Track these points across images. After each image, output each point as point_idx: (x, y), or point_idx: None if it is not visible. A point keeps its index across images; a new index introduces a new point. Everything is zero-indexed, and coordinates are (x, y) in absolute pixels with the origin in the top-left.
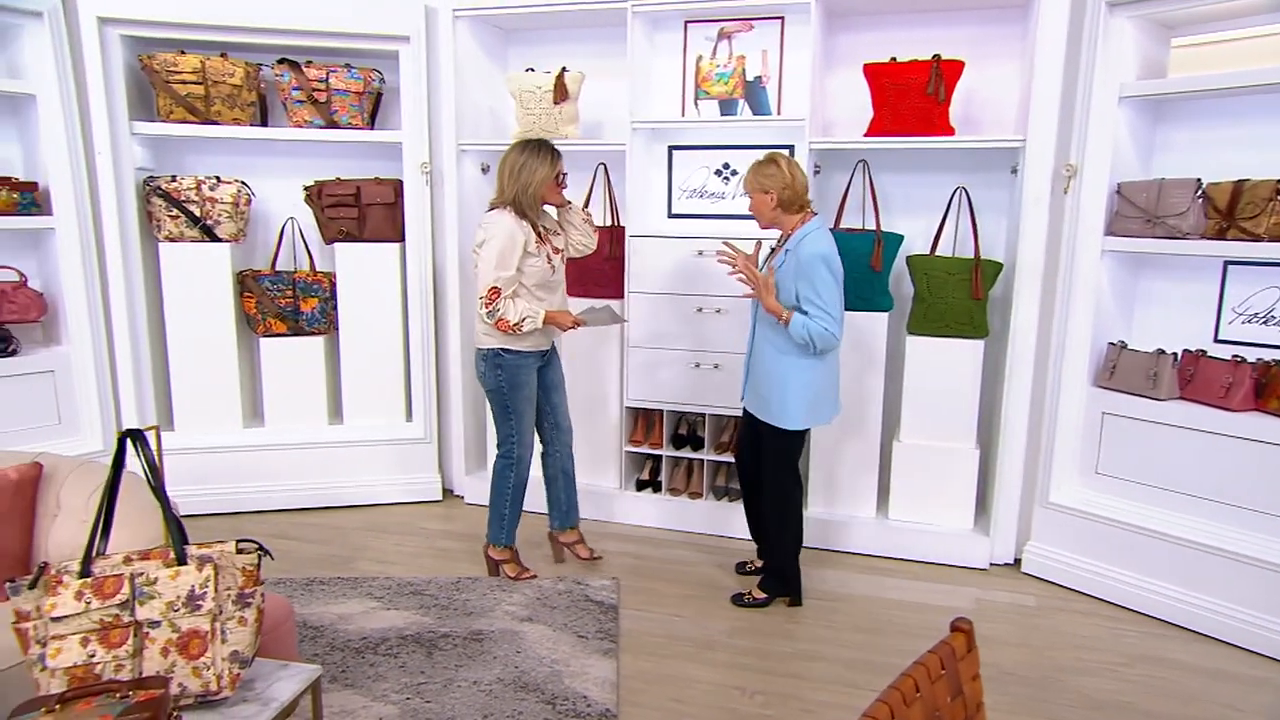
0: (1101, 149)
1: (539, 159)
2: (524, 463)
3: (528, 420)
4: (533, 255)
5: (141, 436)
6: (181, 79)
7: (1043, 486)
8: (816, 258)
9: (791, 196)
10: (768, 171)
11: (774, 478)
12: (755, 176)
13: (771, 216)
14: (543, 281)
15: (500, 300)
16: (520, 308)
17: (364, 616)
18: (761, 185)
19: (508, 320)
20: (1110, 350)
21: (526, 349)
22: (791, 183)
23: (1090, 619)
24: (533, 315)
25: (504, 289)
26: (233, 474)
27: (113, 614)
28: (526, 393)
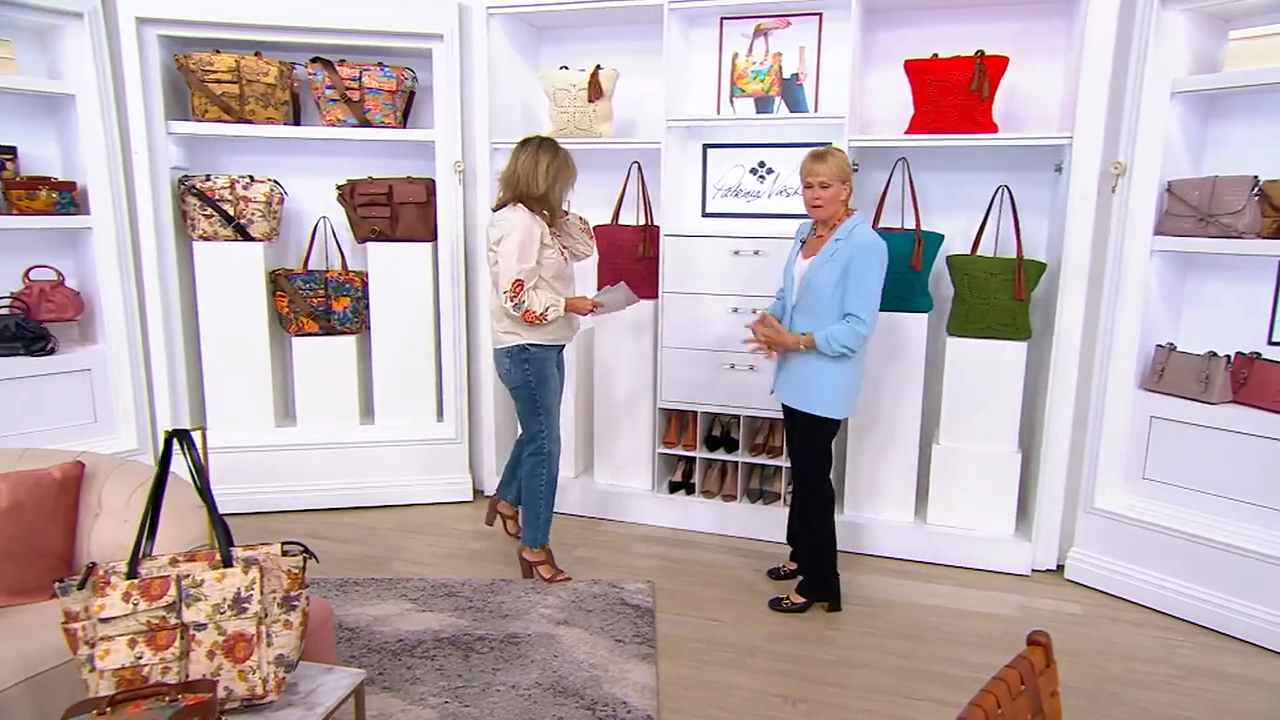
0: (1152, 146)
1: (563, 160)
2: (554, 458)
3: (555, 414)
4: (549, 247)
5: (188, 437)
6: (217, 78)
7: (1087, 491)
8: (875, 246)
9: (851, 189)
10: (845, 160)
11: (806, 469)
12: (838, 166)
13: (839, 208)
14: (559, 273)
15: (524, 292)
16: (544, 298)
17: (400, 618)
18: (843, 173)
19: (534, 311)
20: (1158, 352)
21: (550, 341)
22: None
23: (1140, 629)
24: (555, 304)
25: (527, 281)
26: (264, 473)
27: (159, 616)
28: (554, 385)
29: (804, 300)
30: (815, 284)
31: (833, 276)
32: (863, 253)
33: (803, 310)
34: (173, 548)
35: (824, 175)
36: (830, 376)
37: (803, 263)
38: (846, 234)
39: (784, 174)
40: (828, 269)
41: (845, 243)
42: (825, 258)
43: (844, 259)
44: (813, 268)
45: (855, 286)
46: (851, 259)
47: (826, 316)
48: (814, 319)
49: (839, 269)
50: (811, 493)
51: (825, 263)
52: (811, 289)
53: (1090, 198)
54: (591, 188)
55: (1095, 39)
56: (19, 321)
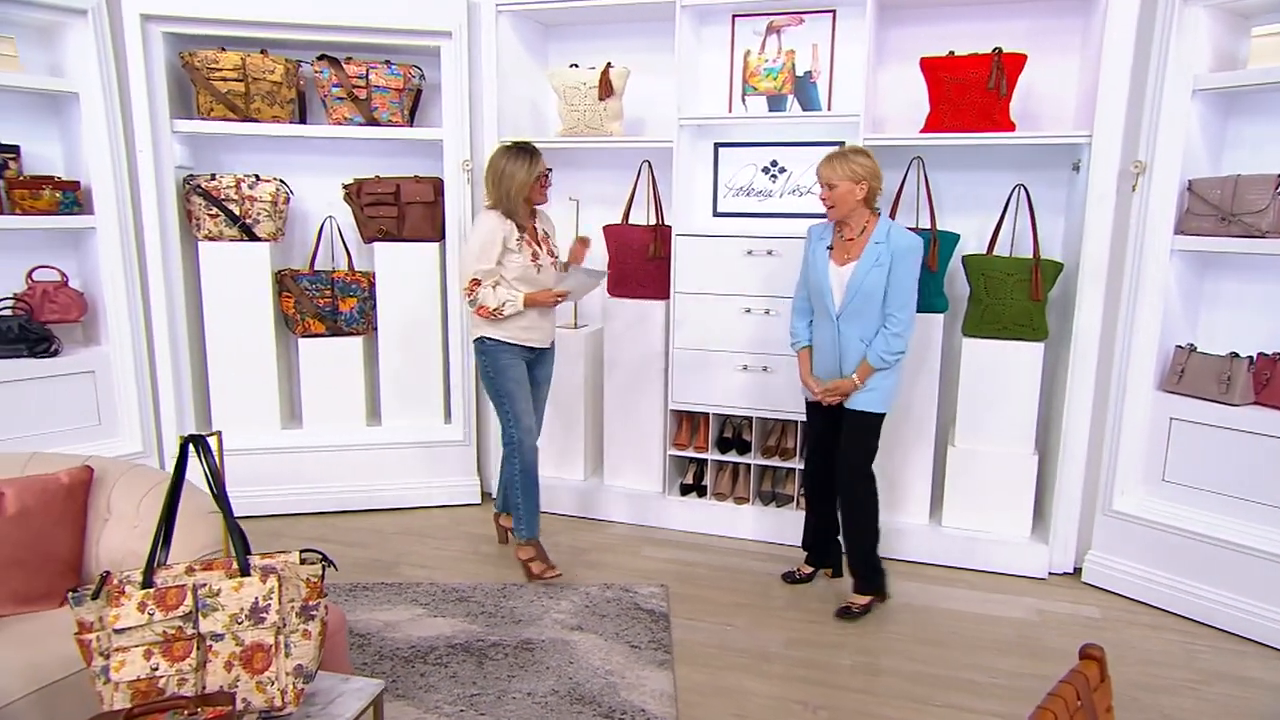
0: (1172, 145)
1: (517, 164)
2: (525, 447)
3: (520, 403)
4: (513, 251)
5: (204, 443)
6: (222, 76)
7: (1105, 494)
8: (916, 247)
9: (876, 190)
10: (862, 161)
11: (862, 465)
12: (848, 165)
13: (852, 209)
14: (523, 276)
15: (480, 289)
16: (500, 294)
17: (411, 624)
18: (854, 174)
19: (487, 306)
20: (1178, 353)
21: (508, 339)
22: (879, 175)
23: (1159, 633)
24: (512, 299)
25: (483, 280)
26: (270, 476)
27: (176, 626)
28: (513, 374)
29: (853, 306)
30: (866, 289)
31: (881, 279)
32: (904, 255)
33: (851, 317)
34: (185, 555)
35: (830, 176)
36: (892, 375)
37: (840, 269)
38: (885, 236)
39: (797, 173)
40: (875, 273)
41: (886, 245)
42: (871, 262)
43: (888, 262)
44: (859, 272)
45: (895, 287)
46: (894, 261)
47: (878, 320)
48: (865, 324)
49: (886, 270)
50: (862, 483)
51: (872, 267)
52: (862, 295)
53: (1109, 197)
54: (602, 187)
55: (1115, 36)
56: (22, 323)
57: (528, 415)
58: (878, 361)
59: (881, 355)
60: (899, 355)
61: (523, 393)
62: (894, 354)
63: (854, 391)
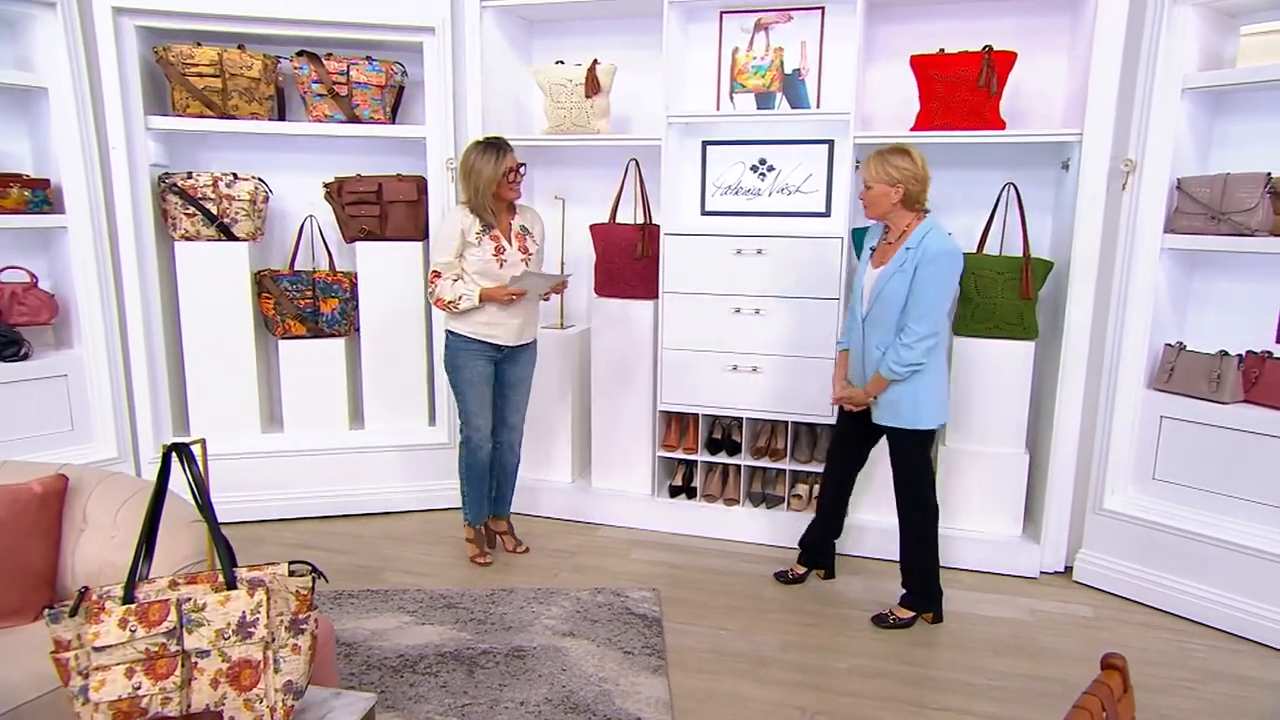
0: (1162, 143)
1: (485, 159)
2: (472, 443)
3: (472, 401)
4: (473, 245)
5: (187, 452)
6: (198, 71)
7: (1096, 492)
8: (944, 254)
9: (918, 192)
10: (898, 162)
11: (911, 484)
12: (883, 166)
13: (887, 210)
14: (484, 270)
15: (439, 281)
16: (456, 288)
17: (398, 632)
18: (889, 176)
19: (443, 299)
20: (1167, 352)
21: (470, 334)
22: (921, 177)
23: (1153, 631)
24: (468, 293)
25: (443, 273)
26: (250, 481)
27: (159, 643)
28: (467, 375)
29: (874, 312)
30: (885, 295)
31: (903, 286)
32: (929, 261)
33: (873, 323)
34: (167, 566)
35: (866, 176)
36: (926, 388)
37: (874, 272)
38: (917, 242)
39: (785, 171)
40: (897, 279)
41: (916, 251)
42: (895, 267)
43: (913, 267)
44: (883, 278)
45: (915, 295)
46: (920, 269)
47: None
48: (885, 332)
49: (909, 278)
50: (915, 506)
51: (895, 272)
52: (881, 300)
53: (1099, 195)
54: (589, 185)
55: (1105, 35)
56: None
57: (479, 415)
58: (887, 372)
59: (891, 366)
60: (910, 368)
61: (476, 392)
62: (904, 366)
63: (865, 402)
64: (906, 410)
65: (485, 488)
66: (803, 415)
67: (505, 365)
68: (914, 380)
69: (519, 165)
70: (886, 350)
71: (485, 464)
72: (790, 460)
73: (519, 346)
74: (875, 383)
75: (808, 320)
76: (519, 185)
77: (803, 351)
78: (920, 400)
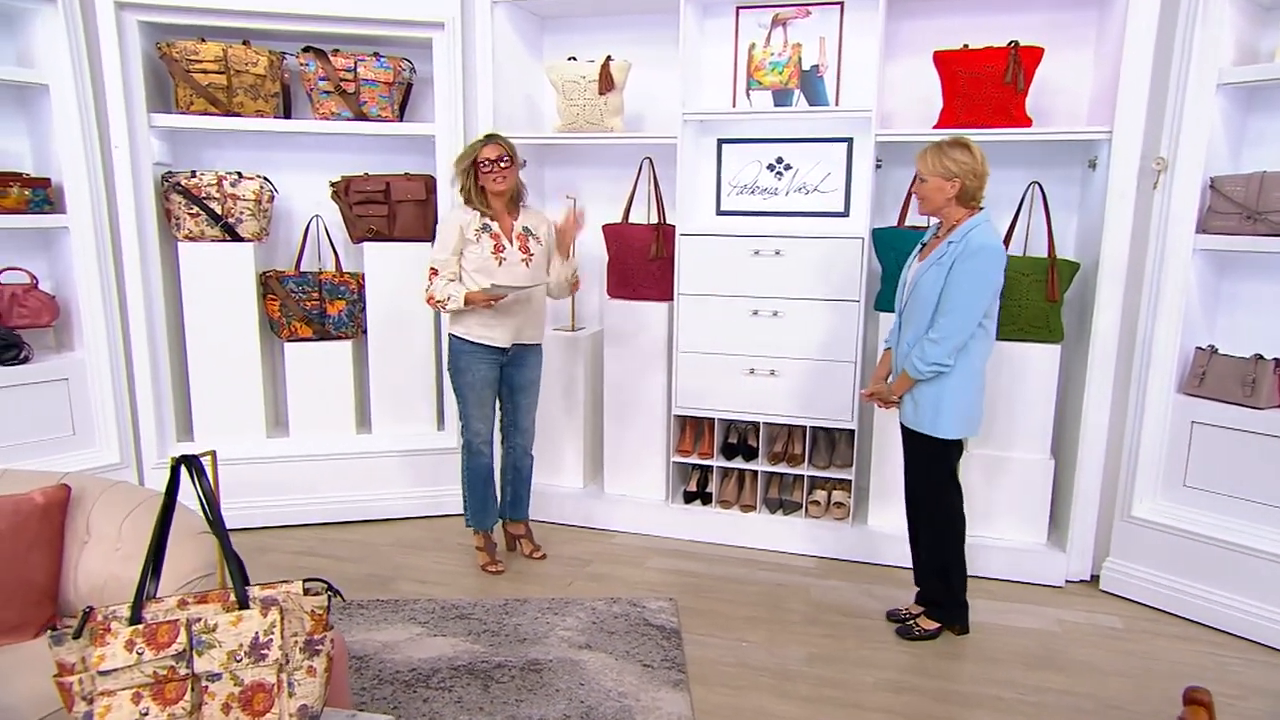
0: (1195, 141)
1: (468, 147)
2: (472, 448)
3: (471, 405)
4: (471, 242)
5: (197, 464)
6: (202, 68)
7: (1124, 500)
8: (986, 250)
9: (974, 187)
10: (957, 156)
11: (930, 493)
12: (941, 159)
13: (941, 205)
14: (482, 268)
15: (435, 279)
16: (447, 288)
17: (410, 644)
18: (946, 170)
19: (434, 296)
20: (1199, 355)
21: (471, 338)
22: (980, 172)
23: (1187, 644)
24: (454, 295)
25: (440, 270)
26: (256, 487)
27: (168, 666)
28: (468, 378)
29: (909, 307)
30: (919, 290)
31: (937, 282)
32: (968, 256)
33: (908, 318)
34: (175, 579)
35: (921, 169)
36: (950, 394)
37: (916, 265)
38: (961, 236)
39: (803, 170)
40: (933, 272)
41: (957, 245)
42: (933, 260)
43: (951, 261)
44: (921, 270)
45: (947, 291)
46: (955, 261)
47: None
48: (918, 327)
49: (945, 272)
50: (940, 518)
51: (932, 265)
52: (916, 294)
53: (1129, 195)
54: (601, 184)
55: (1137, 29)
56: None
57: (479, 419)
58: (911, 370)
59: (915, 362)
60: (934, 367)
61: (477, 395)
62: (928, 364)
63: (891, 399)
64: (926, 414)
65: (488, 493)
66: (822, 420)
67: (511, 369)
68: (939, 383)
69: (501, 156)
70: (914, 347)
71: (486, 469)
72: (808, 466)
73: (524, 349)
74: (901, 380)
75: (828, 323)
76: (501, 178)
77: (822, 355)
78: (942, 406)
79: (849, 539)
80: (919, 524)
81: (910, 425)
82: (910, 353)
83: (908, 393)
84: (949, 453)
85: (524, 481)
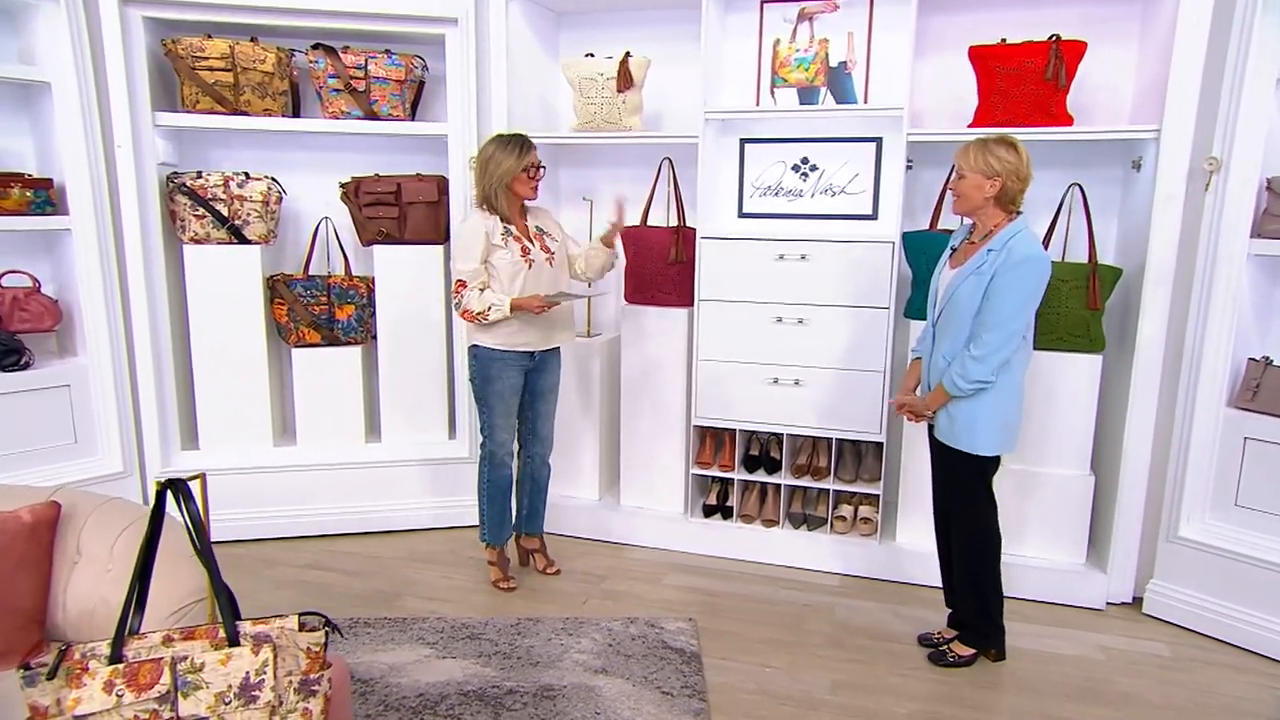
0: (1251, 140)
1: (506, 152)
2: (496, 458)
3: (498, 415)
4: (499, 248)
5: (184, 488)
6: (208, 65)
7: (1170, 519)
8: (1031, 260)
9: (1017, 190)
10: (1001, 154)
11: (964, 510)
12: (984, 155)
13: (978, 205)
14: (514, 274)
15: (466, 292)
16: (486, 298)
17: (417, 667)
18: (989, 167)
19: (471, 310)
20: (1251, 367)
21: (503, 346)
22: (1024, 174)
23: (1241, 674)
24: (498, 304)
25: (469, 281)
26: (261, 497)
27: (150, 709)
28: (498, 387)
29: (945, 318)
30: (958, 300)
31: (977, 292)
32: (1011, 267)
33: (944, 329)
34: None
35: (962, 164)
36: (987, 409)
37: (949, 273)
38: (1001, 244)
39: (829, 171)
40: (972, 282)
41: (998, 254)
42: (971, 269)
43: (992, 271)
44: (957, 279)
45: (989, 302)
46: (997, 272)
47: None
48: (955, 340)
49: (985, 282)
50: (976, 537)
51: (970, 274)
52: (953, 305)
53: (1178, 196)
54: (619, 185)
55: (1189, 21)
56: None
57: (503, 430)
58: (950, 386)
59: (955, 379)
60: (977, 385)
61: (505, 406)
62: (970, 382)
63: (925, 413)
64: (961, 429)
65: (507, 507)
66: (848, 432)
67: (535, 375)
68: (977, 402)
69: (540, 164)
70: (953, 361)
71: (508, 481)
72: (833, 480)
73: (547, 352)
74: (936, 395)
75: (855, 331)
76: (537, 184)
77: (849, 364)
78: (978, 422)
79: (876, 556)
80: (951, 543)
81: (945, 440)
82: (949, 368)
83: (943, 408)
84: (985, 469)
85: (541, 493)
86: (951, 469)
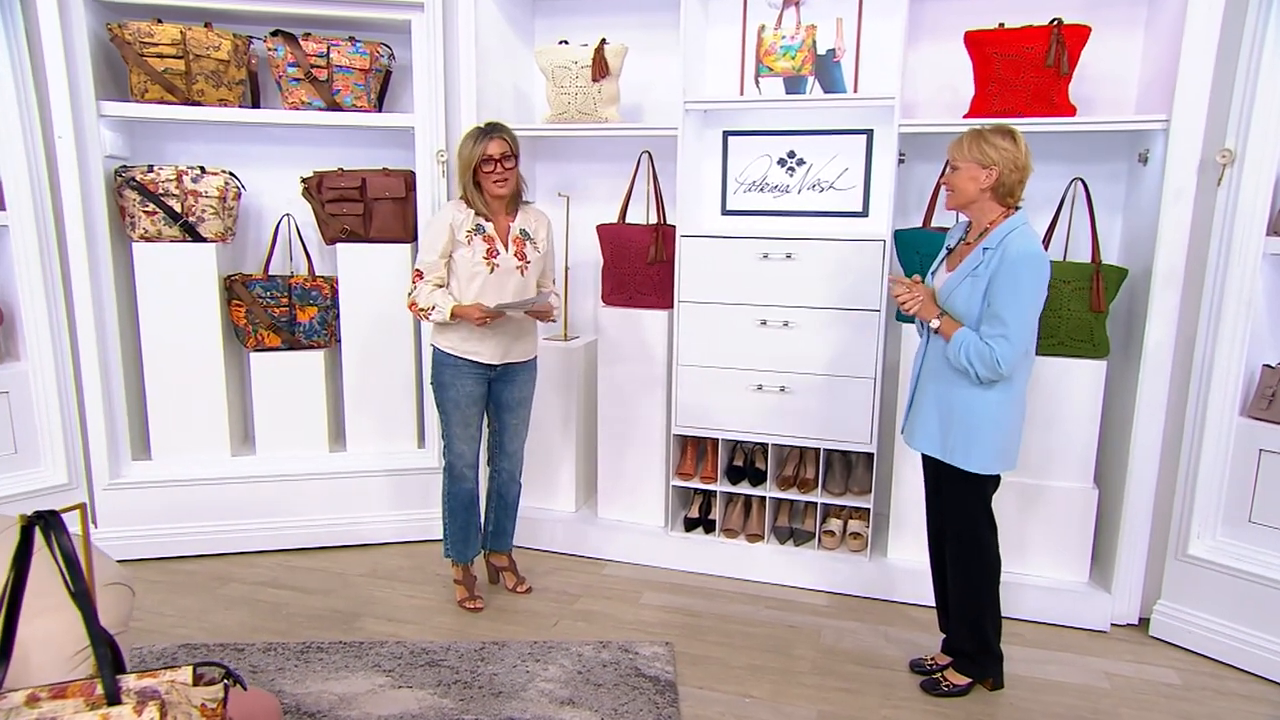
0: (1268, 130)
1: (466, 142)
2: (455, 470)
3: (455, 424)
4: (461, 244)
5: (55, 521)
6: (158, 52)
7: (1178, 535)
8: (1028, 258)
9: (1014, 182)
10: (999, 142)
11: (961, 535)
12: (979, 144)
13: (973, 198)
14: (474, 275)
15: (420, 284)
16: (433, 296)
17: (370, 698)
18: (985, 157)
19: (417, 303)
20: (1267, 374)
21: (455, 352)
22: (1022, 166)
23: (1257, 705)
24: (440, 306)
25: (426, 273)
26: (217, 509)
27: None
28: (452, 394)
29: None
30: (952, 305)
31: (975, 295)
32: (1008, 266)
33: (938, 338)
34: (67, 645)
35: (955, 155)
36: (983, 427)
37: (944, 275)
38: (997, 242)
39: (817, 165)
40: (968, 285)
41: (995, 252)
42: (967, 270)
43: (989, 273)
44: (951, 283)
45: (993, 304)
46: (997, 275)
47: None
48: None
49: (983, 285)
50: (973, 564)
51: (967, 276)
52: (948, 309)
53: (1188, 191)
54: (596, 180)
55: (1201, 6)
56: None
57: (462, 440)
58: (955, 343)
59: (963, 345)
60: (969, 366)
61: (462, 414)
62: (968, 358)
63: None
64: (956, 443)
65: (471, 522)
66: (837, 442)
67: (500, 386)
68: (975, 414)
69: (506, 154)
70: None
71: (470, 495)
72: (821, 492)
73: (515, 365)
74: (947, 327)
75: (844, 335)
76: (502, 180)
77: (838, 370)
78: (973, 438)
79: (866, 574)
80: (945, 563)
81: (936, 455)
82: (962, 351)
83: (920, 411)
84: (984, 488)
85: (509, 511)
86: (946, 489)
